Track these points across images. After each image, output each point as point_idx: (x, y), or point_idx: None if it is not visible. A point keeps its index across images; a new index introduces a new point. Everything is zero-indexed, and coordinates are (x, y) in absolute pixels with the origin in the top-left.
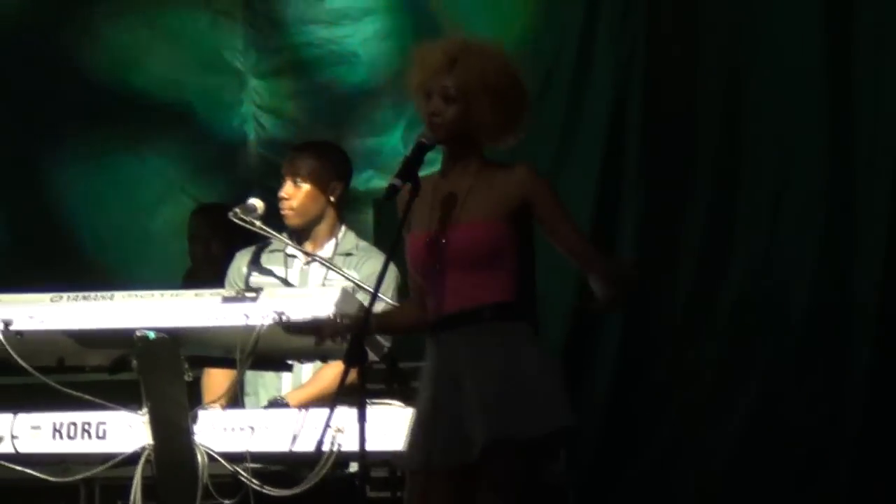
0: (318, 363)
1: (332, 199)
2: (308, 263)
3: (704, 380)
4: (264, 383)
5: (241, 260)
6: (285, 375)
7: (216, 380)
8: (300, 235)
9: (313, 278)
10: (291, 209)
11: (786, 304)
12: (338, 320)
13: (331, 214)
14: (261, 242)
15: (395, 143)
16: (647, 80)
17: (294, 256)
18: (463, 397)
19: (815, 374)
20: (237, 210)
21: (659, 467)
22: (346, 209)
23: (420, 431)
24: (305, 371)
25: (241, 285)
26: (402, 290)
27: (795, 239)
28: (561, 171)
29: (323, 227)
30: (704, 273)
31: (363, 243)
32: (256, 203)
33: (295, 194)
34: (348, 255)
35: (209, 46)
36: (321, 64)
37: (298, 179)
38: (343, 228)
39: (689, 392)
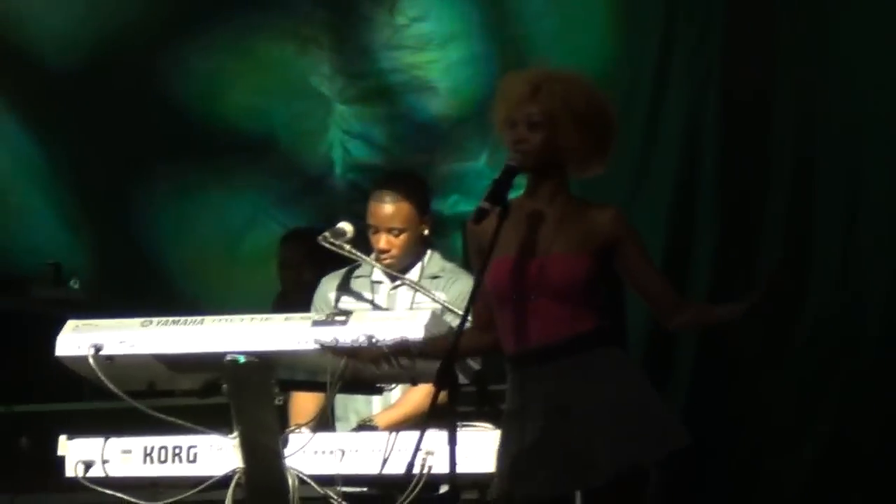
0: (407, 385)
1: (425, 233)
2: (395, 288)
3: (785, 403)
4: (355, 407)
5: (328, 285)
6: (375, 399)
7: (303, 403)
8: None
9: (401, 302)
10: (394, 258)
11: (863, 319)
12: (380, 346)
13: (421, 245)
14: (347, 267)
15: (480, 167)
16: (722, 106)
17: (381, 282)
18: (575, 425)
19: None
20: (327, 234)
21: (738, 490)
22: (434, 233)
23: (523, 462)
24: (395, 395)
25: (327, 310)
26: None
27: (871, 256)
28: (635, 201)
29: (413, 257)
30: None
31: (449, 265)
32: (346, 227)
33: (395, 243)
34: (435, 277)
35: (296, 73)
36: (406, 89)
37: (395, 231)
38: (429, 251)
39: (769, 416)
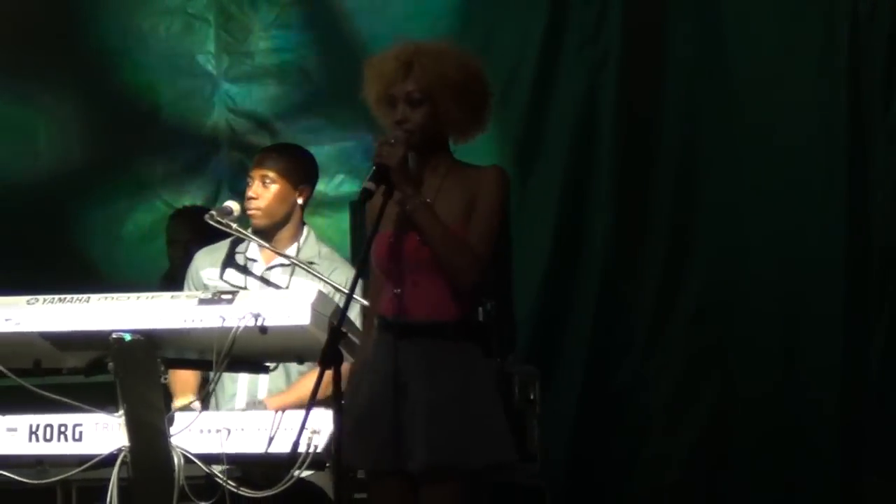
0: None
1: (299, 201)
2: (270, 269)
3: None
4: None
5: (200, 261)
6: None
7: (184, 377)
8: (263, 238)
9: (275, 281)
10: (259, 209)
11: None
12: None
13: (296, 218)
14: (224, 241)
15: (365, 145)
16: (618, 92)
17: (255, 260)
18: (408, 407)
19: None
20: (213, 213)
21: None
22: (319, 213)
23: (360, 429)
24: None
25: (198, 285)
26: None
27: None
28: (525, 181)
29: (287, 231)
30: (670, 273)
31: (325, 249)
32: (233, 205)
33: (263, 194)
34: (311, 263)
35: (182, 51)
36: (291, 68)
37: (267, 180)
38: (305, 231)
39: (658, 391)
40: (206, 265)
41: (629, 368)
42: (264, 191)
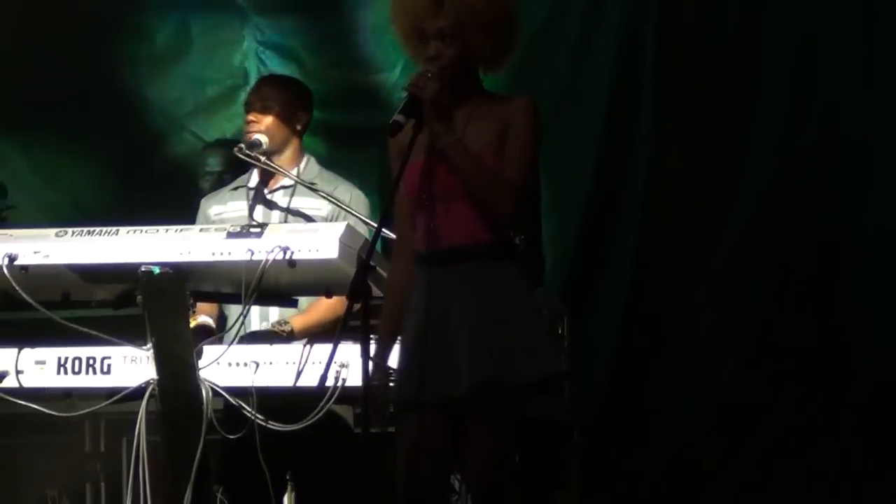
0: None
1: (297, 128)
2: (273, 191)
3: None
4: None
5: (206, 204)
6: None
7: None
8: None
9: (279, 203)
10: (259, 132)
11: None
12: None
13: (295, 143)
14: (227, 187)
15: (396, 79)
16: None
17: (257, 189)
18: (452, 332)
19: None
20: (242, 146)
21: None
22: (350, 146)
23: (408, 363)
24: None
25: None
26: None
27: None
28: (564, 120)
29: (286, 157)
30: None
31: (326, 173)
32: (262, 138)
33: (262, 119)
34: (312, 184)
35: None
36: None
37: (266, 107)
38: (305, 158)
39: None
40: (213, 204)
41: (671, 301)
42: (263, 117)
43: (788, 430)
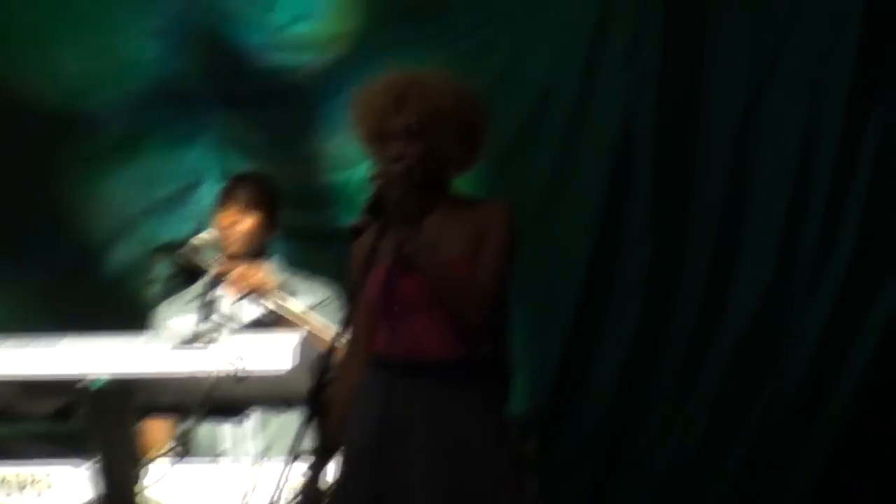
0: None
1: (277, 232)
2: (240, 299)
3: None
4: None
5: (165, 312)
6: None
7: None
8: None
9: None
10: (241, 234)
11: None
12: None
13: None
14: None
15: (360, 176)
16: (657, 114)
17: (222, 296)
18: (408, 455)
19: None
20: (185, 252)
21: None
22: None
23: (355, 480)
24: None
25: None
26: None
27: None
28: (554, 208)
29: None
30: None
31: (291, 274)
32: (205, 237)
33: (243, 220)
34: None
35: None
36: (285, 93)
37: (246, 208)
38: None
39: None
40: (172, 314)
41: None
42: (244, 218)
43: None
